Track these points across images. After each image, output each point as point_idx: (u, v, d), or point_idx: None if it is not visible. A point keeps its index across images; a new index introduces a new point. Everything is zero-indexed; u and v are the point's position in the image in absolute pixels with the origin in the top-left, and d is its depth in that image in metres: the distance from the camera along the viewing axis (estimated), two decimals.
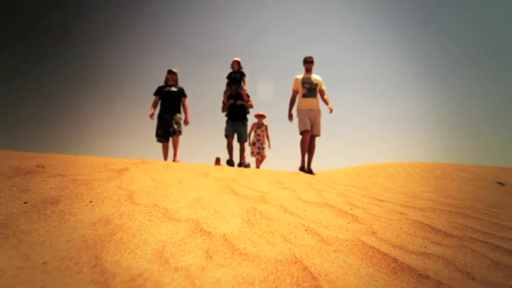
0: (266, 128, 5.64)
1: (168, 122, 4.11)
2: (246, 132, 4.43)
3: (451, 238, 0.94)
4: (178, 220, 0.84)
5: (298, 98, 4.07)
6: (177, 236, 0.72)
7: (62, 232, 0.64)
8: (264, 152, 5.53)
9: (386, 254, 0.74)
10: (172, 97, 4.20)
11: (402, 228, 1.02)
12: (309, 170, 3.86)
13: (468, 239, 0.93)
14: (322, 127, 4.04)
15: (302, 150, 3.97)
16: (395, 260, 0.70)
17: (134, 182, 1.27)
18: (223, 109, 4.45)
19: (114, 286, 0.46)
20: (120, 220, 0.77)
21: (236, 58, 4.49)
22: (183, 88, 4.34)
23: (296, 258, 0.66)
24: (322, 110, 4.05)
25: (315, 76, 4.10)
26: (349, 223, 1.04)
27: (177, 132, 4.11)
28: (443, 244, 0.87)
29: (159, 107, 4.22)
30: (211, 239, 0.73)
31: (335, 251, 0.75)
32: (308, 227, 0.92)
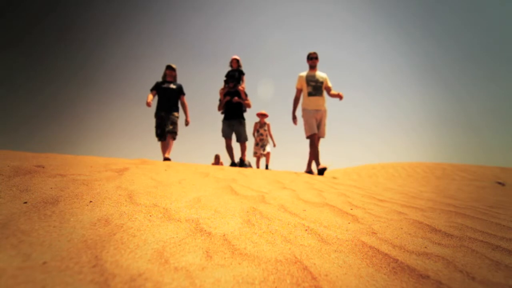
0: (268, 127, 5.53)
1: (165, 121, 3.86)
2: (245, 131, 4.12)
3: (451, 238, 0.94)
4: (178, 220, 0.84)
5: (302, 97, 3.78)
6: (177, 236, 0.72)
7: (62, 232, 0.64)
8: (267, 148, 5.42)
9: (386, 254, 0.74)
10: (170, 94, 3.94)
11: (402, 228, 1.02)
12: (309, 171, 3.67)
13: (468, 239, 0.93)
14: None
15: (314, 155, 3.63)
16: (395, 260, 0.70)
17: (134, 182, 1.27)
18: (219, 107, 4.19)
19: (114, 286, 0.46)
20: (120, 220, 0.77)
21: (235, 56, 4.28)
22: (182, 85, 4.09)
23: (296, 258, 0.66)
24: (327, 109, 3.76)
25: (320, 73, 3.78)
26: (349, 223, 1.04)
27: (172, 133, 3.86)
28: (443, 244, 0.87)
29: (155, 104, 3.96)
30: (211, 239, 0.73)
31: (335, 251, 0.75)
32: (308, 227, 0.92)
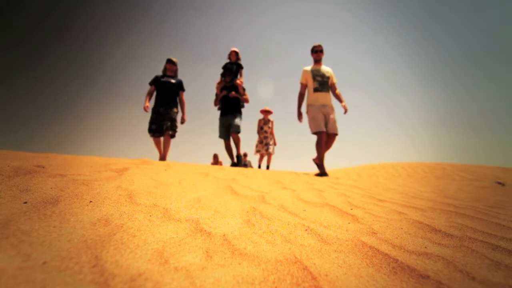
0: (272, 124, 5.37)
1: (163, 117, 3.62)
2: (238, 123, 3.78)
3: (451, 238, 0.94)
4: (178, 220, 0.84)
5: (307, 93, 3.51)
6: (177, 236, 0.72)
7: (62, 232, 0.64)
8: (272, 149, 5.25)
9: (386, 254, 0.74)
10: (170, 89, 3.70)
11: (402, 228, 1.02)
12: (320, 165, 3.35)
13: (468, 239, 0.93)
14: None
15: (318, 155, 3.32)
16: (395, 260, 0.70)
17: (134, 182, 1.27)
18: (215, 102, 3.96)
19: (114, 286, 0.46)
20: (120, 220, 0.77)
21: (234, 48, 4.03)
22: (182, 81, 3.83)
23: (296, 258, 0.66)
24: (334, 106, 3.48)
25: (326, 67, 3.54)
26: (349, 223, 1.04)
27: (170, 131, 3.63)
28: (443, 244, 0.87)
29: (153, 100, 3.72)
30: (211, 239, 0.73)
31: (335, 251, 0.75)
32: (308, 227, 0.92)
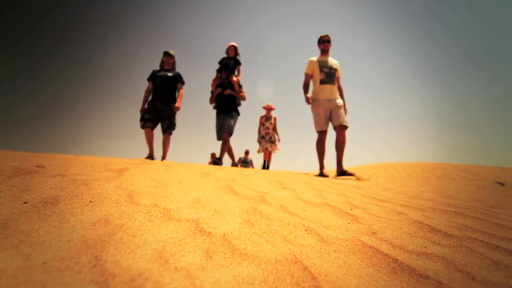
0: (275, 120, 5.31)
1: (159, 112, 3.46)
2: (231, 123, 3.58)
3: (451, 238, 0.94)
4: (178, 220, 0.84)
5: (312, 85, 3.32)
6: (177, 236, 0.72)
7: (62, 232, 0.64)
8: (277, 145, 5.19)
9: (386, 254, 0.74)
10: (167, 83, 3.50)
11: (402, 228, 1.02)
12: (341, 172, 3.13)
13: (468, 239, 0.93)
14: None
15: (318, 154, 3.23)
16: (395, 260, 0.70)
17: (134, 182, 1.27)
18: (211, 100, 3.78)
19: (114, 286, 0.46)
20: (120, 220, 0.77)
21: (233, 43, 3.84)
22: (181, 73, 3.63)
23: (296, 258, 0.66)
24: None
25: (333, 59, 3.35)
26: (349, 223, 1.04)
27: (169, 131, 3.49)
28: (443, 244, 0.87)
29: (151, 95, 3.55)
30: (211, 239, 0.73)
31: (335, 251, 0.75)
32: (308, 227, 0.92)
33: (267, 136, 5.26)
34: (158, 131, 3.58)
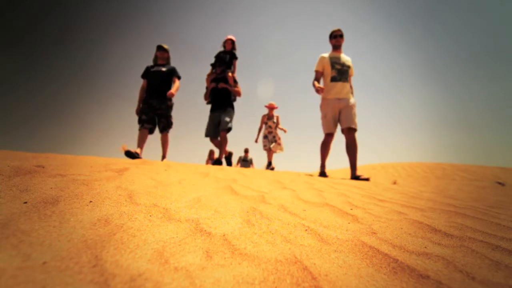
0: (277, 119, 5.27)
1: (155, 111, 3.32)
2: (227, 120, 3.36)
3: (451, 238, 0.94)
4: (178, 220, 0.84)
5: (323, 82, 3.12)
6: (177, 236, 0.72)
7: (62, 232, 0.64)
8: (281, 144, 5.13)
9: (386, 254, 0.74)
10: (161, 78, 3.33)
11: (402, 228, 1.02)
12: (355, 177, 2.97)
13: (468, 239, 0.93)
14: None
15: (321, 154, 3.15)
16: (395, 260, 0.70)
17: (134, 182, 1.27)
18: (205, 96, 3.61)
19: (114, 286, 0.46)
20: (120, 220, 0.77)
21: (231, 36, 3.65)
22: (175, 68, 3.45)
23: (296, 258, 0.66)
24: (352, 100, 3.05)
25: (346, 56, 3.15)
26: (349, 223, 1.04)
27: (167, 129, 3.39)
28: (443, 244, 0.87)
29: (145, 93, 3.40)
30: (211, 239, 0.73)
31: (335, 251, 0.75)
32: (308, 227, 0.92)
33: (270, 135, 5.22)
34: (157, 131, 3.55)
